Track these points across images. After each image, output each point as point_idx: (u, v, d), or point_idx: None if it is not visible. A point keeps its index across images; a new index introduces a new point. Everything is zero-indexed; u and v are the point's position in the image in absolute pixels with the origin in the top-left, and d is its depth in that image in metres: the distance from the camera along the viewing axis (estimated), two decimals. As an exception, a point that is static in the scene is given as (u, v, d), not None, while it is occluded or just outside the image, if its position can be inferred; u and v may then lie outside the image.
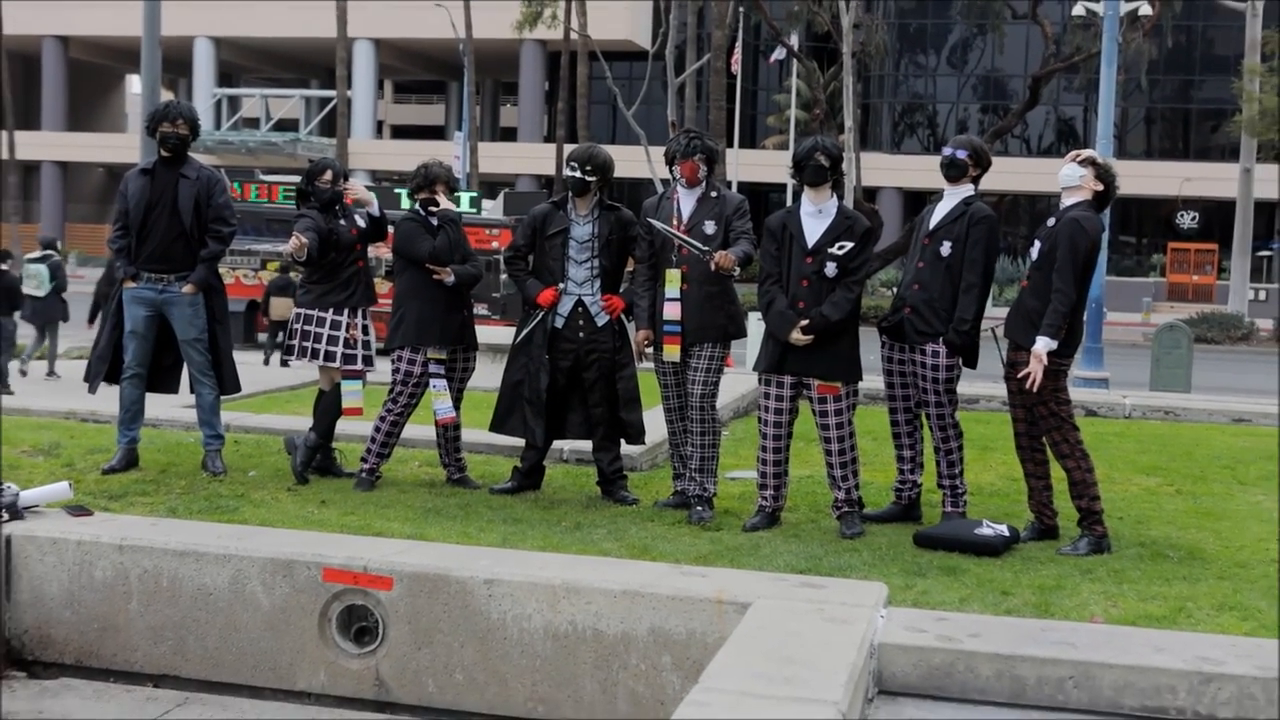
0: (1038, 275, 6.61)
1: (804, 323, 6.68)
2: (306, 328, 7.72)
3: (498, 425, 7.56)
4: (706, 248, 6.94)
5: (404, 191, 18.96)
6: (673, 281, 7.11)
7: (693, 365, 7.14)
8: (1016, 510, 7.30)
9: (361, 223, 7.89)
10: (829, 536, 6.73)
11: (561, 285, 7.37)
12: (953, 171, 6.98)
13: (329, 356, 7.71)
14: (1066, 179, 6.66)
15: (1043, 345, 6.43)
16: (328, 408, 7.83)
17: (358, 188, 8.08)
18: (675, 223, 7.12)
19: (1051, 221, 6.67)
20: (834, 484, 6.89)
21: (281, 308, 17.27)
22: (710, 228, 7.09)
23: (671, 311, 7.12)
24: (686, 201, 7.20)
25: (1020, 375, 6.53)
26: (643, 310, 7.27)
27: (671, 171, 7.24)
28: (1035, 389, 6.47)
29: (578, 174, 7.33)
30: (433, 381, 7.61)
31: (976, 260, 6.83)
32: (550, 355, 7.36)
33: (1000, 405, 11.03)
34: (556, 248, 7.39)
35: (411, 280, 7.63)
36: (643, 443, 7.71)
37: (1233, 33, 48.09)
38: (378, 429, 7.66)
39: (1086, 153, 6.78)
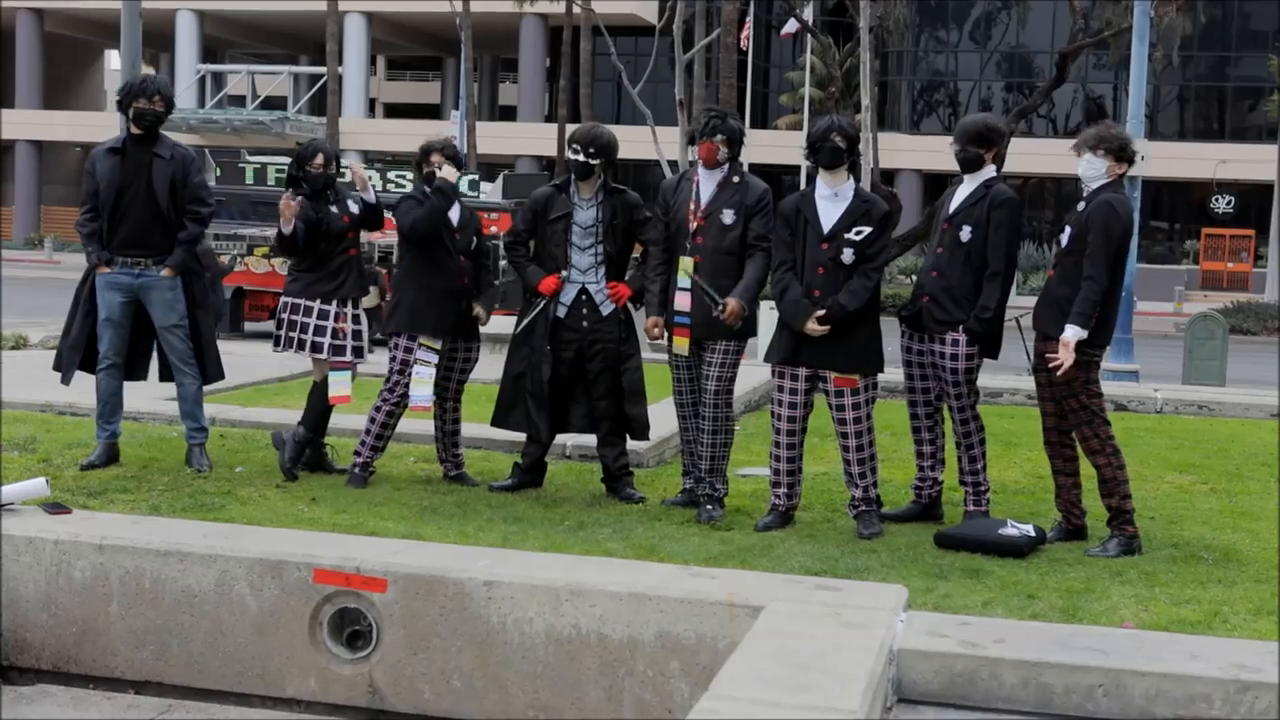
0: (1067, 261, 6.61)
1: (820, 312, 6.67)
2: (294, 318, 7.72)
3: (500, 420, 7.55)
4: (719, 301, 6.91)
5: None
6: (685, 271, 7.11)
7: (708, 360, 7.14)
8: (1043, 509, 7.30)
9: (354, 209, 7.88)
10: (845, 537, 6.73)
11: (564, 273, 7.37)
12: (967, 166, 6.98)
13: (315, 348, 7.71)
14: (1092, 178, 6.65)
15: (1072, 334, 6.42)
16: (318, 401, 7.83)
17: (358, 168, 8.08)
18: (692, 206, 7.13)
19: (1081, 206, 6.67)
20: (851, 481, 6.89)
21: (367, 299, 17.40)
22: (729, 216, 7.08)
23: (681, 302, 7.12)
24: (706, 185, 7.19)
25: (1051, 365, 6.53)
26: (654, 296, 7.27)
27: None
28: (1064, 377, 6.47)
29: (580, 156, 7.33)
30: (416, 367, 7.58)
31: (999, 246, 6.83)
32: (552, 346, 7.36)
33: (1025, 399, 11.05)
34: (559, 233, 7.39)
35: (411, 264, 7.64)
36: (647, 438, 7.71)
37: (1271, 6, 48.02)
38: (372, 421, 7.66)
39: (1091, 136, 6.70)
